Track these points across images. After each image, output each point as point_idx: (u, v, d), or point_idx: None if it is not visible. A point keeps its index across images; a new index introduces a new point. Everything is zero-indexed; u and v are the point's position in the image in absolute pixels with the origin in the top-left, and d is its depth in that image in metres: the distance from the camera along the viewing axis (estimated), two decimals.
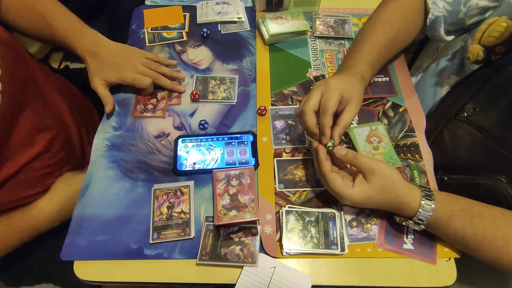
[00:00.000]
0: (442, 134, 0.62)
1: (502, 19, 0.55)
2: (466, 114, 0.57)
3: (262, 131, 0.66)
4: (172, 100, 0.71)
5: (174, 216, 0.57)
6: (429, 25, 0.66)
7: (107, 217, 0.57)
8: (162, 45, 0.79)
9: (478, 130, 0.55)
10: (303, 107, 0.54)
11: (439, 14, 0.64)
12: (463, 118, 0.57)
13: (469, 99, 0.58)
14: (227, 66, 0.76)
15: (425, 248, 0.55)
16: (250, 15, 0.84)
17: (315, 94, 0.54)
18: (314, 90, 0.54)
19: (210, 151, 0.63)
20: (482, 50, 0.58)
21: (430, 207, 0.50)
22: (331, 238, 0.55)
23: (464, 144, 0.58)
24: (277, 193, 0.60)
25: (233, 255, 0.53)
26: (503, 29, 0.55)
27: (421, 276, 0.53)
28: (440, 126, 0.62)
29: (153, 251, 0.55)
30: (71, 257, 0.54)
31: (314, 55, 0.78)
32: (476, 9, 0.61)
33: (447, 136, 0.61)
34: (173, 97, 0.71)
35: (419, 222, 0.51)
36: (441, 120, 0.62)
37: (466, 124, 0.57)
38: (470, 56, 0.60)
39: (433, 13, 0.64)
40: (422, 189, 0.52)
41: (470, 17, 0.63)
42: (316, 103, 0.53)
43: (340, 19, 0.83)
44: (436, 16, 0.64)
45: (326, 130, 0.53)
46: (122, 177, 0.61)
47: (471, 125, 0.56)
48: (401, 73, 0.75)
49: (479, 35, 0.58)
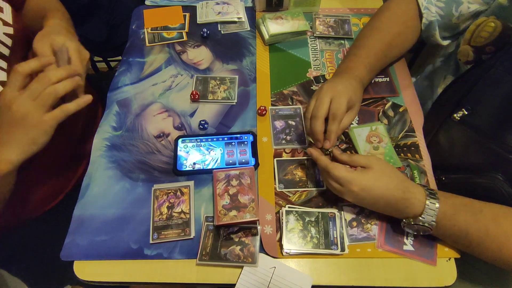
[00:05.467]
0: (438, 134, 0.62)
1: (490, 20, 0.56)
2: (460, 114, 0.57)
3: (262, 131, 0.66)
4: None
5: (174, 216, 0.57)
6: (424, 30, 0.68)
7: (107, 217, 0.57)
8: (162, 45, 0.79)
9: (473, 130, 0.55)
10: (316, 113, 0.56)
11: (433, 19, 0.66)
12: (457, 118, 0.57)
13: (462, 99, 0.58)
14: (227, 66, 0.76)
15: (425, 250, 0.55)
16: (250, 15, 0.84)
17: (325, 100, 0.56)
18: (323, 95, 0.56)
19: (210, 151, 0.63)
20: (472, 50, 0.59)
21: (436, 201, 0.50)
22: (331, 238, 0.55)
23: (459, 144, 0.58)
24: (277, 193, 0.60)
25: (233, 255, 0.53)
26: (492, 29, 0.55)
27: (421, 276, 0.53)
28: (436, 127, 0.62)
29: (153, 251, 0.55)
30: (71, 257, 0.54)
31: (314, 55, 0.78)
32: (468, 13, 0.62)
33: (442, 136, 0.61)
34: None
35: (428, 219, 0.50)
36: (436, 121, 0.62)
37: (460, 124, 0.57)
38: (461, 57, 0.61)
39: (427, 18, 0.66)
40: (425, 188, 0.52)
41: (463, 21, 0.64)
42: (328, 109, 0.56)
43: (340, 19, 0.83)
44: (430, 20, 0.66)
45: (333, 136, 0.56)
46: (122, 177, 0.61)
47: (466, 125, 0.56)
48: (401, 73, 0.75)
49: (469, 36, 0.59)
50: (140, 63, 0.76)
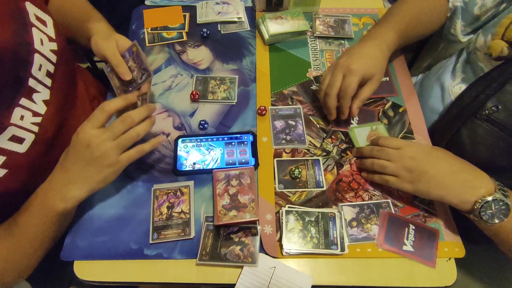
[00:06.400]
0: (460, 132, 0.60)
1: None
2: (487, 112, 0.55)
3: (262, 131, 0.66)
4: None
5: (174, 216, 0.57)
6: (449, 17, 0.68)
7: (107, 217, 0.57)
8: (162, 45, 0.79)
9: (500, 129, 0.54)
10: (329, 90, 0.61)
11: (458, 4, 0.66)
12: (484, 116, 0.55)
13: (490, 97, 0.56)
14: (227, 66, 0.76)
15: (425, 251, 0.54)
16: (250, 15, 0.84)
17: (338, 77, 0.60)
18: (337, 72, 0.60)
19: (210, 151, 0.63)
20: (506, 46, 0.56)
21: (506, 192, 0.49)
22: (331, 238, 0.55)
23: (484, 143, 0.56)
24: (277, 193, 0.60)
25: (233, 255, 0.53)
26: None
27: (421, 276, 0.53)
28: (458, 125, 0.60)
29: (153, 251, 0.55)
30: (71, 257, 0.54)
31: (314, 55, 0.78)
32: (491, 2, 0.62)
33: (465, 134, 0.59)
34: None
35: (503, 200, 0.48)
36: (458, 119, 0.60)
37: (486, 122, 0.55)
38: (492, 52, 0.58)
39: (453, 3, 0.66)
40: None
41: (485, 11, 0.64)
42: (339, 87, 0.60)
43: (340, 19, 0.83)
44: (455, 6, 0.66)
45: (345, 111, 0.62)
46: (122, 177, 0.61)
47: (493, 124, 0.55)
48: (401, 73, 0.75)
49: (502, 30, 0.56)
50: None
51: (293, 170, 0.61)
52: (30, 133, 0.51)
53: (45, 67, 0.54)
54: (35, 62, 0.51)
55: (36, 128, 0.52)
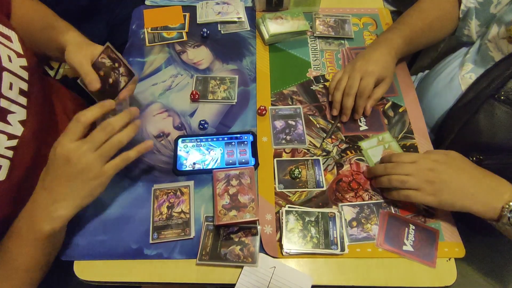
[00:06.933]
0: (476, 117, 0.59)
1: None
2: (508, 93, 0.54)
3: (262, 131, 0.66)
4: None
5: (174, 216, 0.57)
6: (462, 18, 0.68)
7: (107, 217, 0.57)
8: (162, 45, 0.79)
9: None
10: (348, 91, 0.64)
11: (471, 6, 0.66)
12: (503, 97, 0.54)
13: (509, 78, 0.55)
14: (227, 66, 0.76)
15: (425, 251, 0.54)
16: (250, 15, 0.84)
17: (357, 78, 0.64)
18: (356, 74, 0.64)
19: (210, 151, 0.63)
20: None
21: None
22: (331, 238, 0.55)
23: (504, 126, 0.56)
24: (277, 193, 0.60)
25: (233, 255, 0.53)
26: None
27: (421, 276, 0.53)
28: (474, 109, 0.59)
29: (153, 251, 0.55)
30: (71, 257, 0.54)
31: (314, 55, 0.78)
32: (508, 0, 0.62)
33: (482, 118, 0.58)
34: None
35: None
36: (475, 103, 0.59)
37: (505, 104, 0.55)
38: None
39: (466, 4, 0.67)
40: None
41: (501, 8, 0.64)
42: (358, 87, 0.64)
43: (340, 19, 0.83)
44: (468, 7, 0.67)
45: (360, 110, 0.66)
46: (122, 177, 0.61)
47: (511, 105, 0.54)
48: (401, 73, 0.75)
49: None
50: (140, 63, 0.76)
51: (293, 170, 0.61)
52: (5, 159, 0.48)
53: (16, 85, 0.51)
54: (4, 80, 0.48)
55: (10, 153, 0.48)
